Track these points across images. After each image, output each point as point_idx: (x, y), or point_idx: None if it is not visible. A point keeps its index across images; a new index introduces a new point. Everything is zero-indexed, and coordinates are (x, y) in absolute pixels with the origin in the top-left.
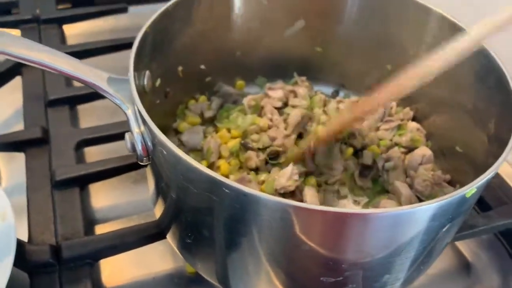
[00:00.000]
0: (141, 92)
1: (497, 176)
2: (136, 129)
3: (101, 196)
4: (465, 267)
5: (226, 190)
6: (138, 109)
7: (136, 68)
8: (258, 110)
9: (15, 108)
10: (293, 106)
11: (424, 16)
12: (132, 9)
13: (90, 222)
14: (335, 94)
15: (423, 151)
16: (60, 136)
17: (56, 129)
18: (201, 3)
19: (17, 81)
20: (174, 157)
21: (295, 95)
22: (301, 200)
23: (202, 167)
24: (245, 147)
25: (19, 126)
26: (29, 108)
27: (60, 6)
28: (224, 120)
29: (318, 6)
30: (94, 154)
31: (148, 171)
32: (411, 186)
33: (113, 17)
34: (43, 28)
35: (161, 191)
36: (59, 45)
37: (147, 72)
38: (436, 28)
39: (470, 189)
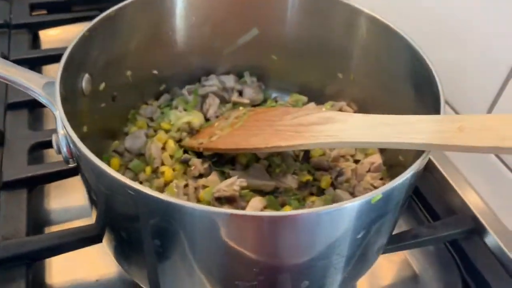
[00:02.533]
0: (79, 95)
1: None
2: (61, 130)
3: (57, 198)
4: (412, 278)
5: (131, 192)
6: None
7: (69, 71)
8: (198, 96)
9: None
10: (235, 103)
11: (354, 17)
12: None
13: (40, 224)
14: None
15: (373, 159)
16: (16, 139)
17: (12, 132)
18: (148, 9)
19: None
20: (88, 161)
21: (240, 94)
22: (243, 208)
23: (114, 172)
24: (185, 162)
25: None
26: None
27: (35, 13)
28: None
29: (265, 13)
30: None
31: None
32: (352, 193)
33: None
34: (14, 33)
35: (88, 194)
36: (28, 50)
37: (86, 75)
38: (366, 29)
39: (376, 195)
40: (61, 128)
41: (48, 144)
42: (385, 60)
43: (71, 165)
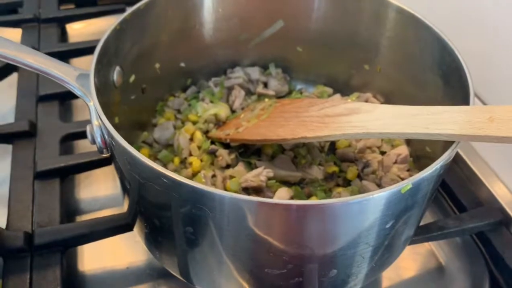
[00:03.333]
0: (110, 87)
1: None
2: (95, 121)
3: (86, 188)
4: (438, 270)
5: (165, 180)
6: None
7: (102, 64)
8: (224, 88)
9: (12, 103)
10: (260, 95)
11: (382, 8)
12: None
13: (72, 212)
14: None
15: (400, 150)
16: (47, 130)
17: (44, 123)
18: (176, 2)
19: (14, 77)
20: (123, 150)
21: (266, 86)
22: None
23: (148, 161)
24: (212, 153)
25: (12, 120)
26: (21, 103)
27: (63, 7)
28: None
29: (291, 4)
30: (87, 147)
31: None
32: (379, 185)
33: (115, 17)
34: (43, 27)
35: (121, 182)
36: (57, 43)
37: (117, 68)
38: (394, 20)
39: (406, 185)
40: (95, 119)
41: (79, 135)
42: (413, 51)
43: (105, 155)
